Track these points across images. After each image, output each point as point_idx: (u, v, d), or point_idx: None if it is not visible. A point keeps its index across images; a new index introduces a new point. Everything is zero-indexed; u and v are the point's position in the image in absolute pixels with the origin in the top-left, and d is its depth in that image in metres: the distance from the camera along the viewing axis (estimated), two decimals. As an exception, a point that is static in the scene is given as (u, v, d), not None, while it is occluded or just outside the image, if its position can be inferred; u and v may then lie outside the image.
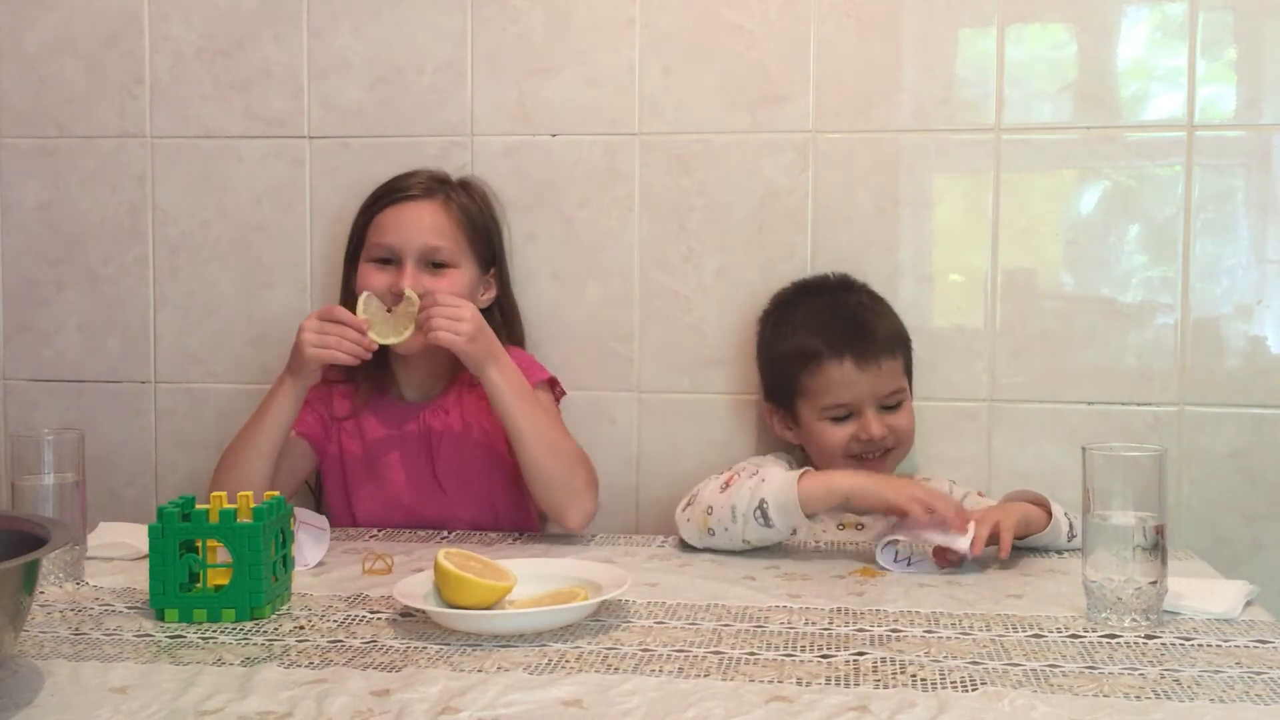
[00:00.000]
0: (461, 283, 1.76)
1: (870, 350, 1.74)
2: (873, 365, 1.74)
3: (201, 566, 1.30)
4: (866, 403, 1.74)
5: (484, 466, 1.79)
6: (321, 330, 1.64)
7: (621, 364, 1.99)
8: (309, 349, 1.63)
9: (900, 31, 1.91)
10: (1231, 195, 1.87)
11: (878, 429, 1.74)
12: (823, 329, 1.77)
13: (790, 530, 1.58)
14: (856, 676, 1.10)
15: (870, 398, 1.74)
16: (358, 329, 1.65)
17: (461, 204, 1.81)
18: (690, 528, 1.62)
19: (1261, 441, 1.87)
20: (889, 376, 1.75)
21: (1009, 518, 1.51)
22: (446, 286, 1.72)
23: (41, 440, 1.50)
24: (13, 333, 2.11)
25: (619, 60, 1.96)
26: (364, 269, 1.77)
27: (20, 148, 2.09)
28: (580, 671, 1.12)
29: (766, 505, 1.55)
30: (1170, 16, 1.87)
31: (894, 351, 1.77)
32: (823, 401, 1.75)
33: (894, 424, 1.75)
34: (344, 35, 2.01)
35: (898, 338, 1.81)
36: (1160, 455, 1.27)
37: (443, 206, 1.78)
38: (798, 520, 1.55)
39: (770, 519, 1.55)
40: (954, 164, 1.92)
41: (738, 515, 1.56)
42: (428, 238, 1.74)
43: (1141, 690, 1.07)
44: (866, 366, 1.73)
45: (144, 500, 2.07)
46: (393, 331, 1.68)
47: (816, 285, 1.87)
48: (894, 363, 1.77)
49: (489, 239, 1.85)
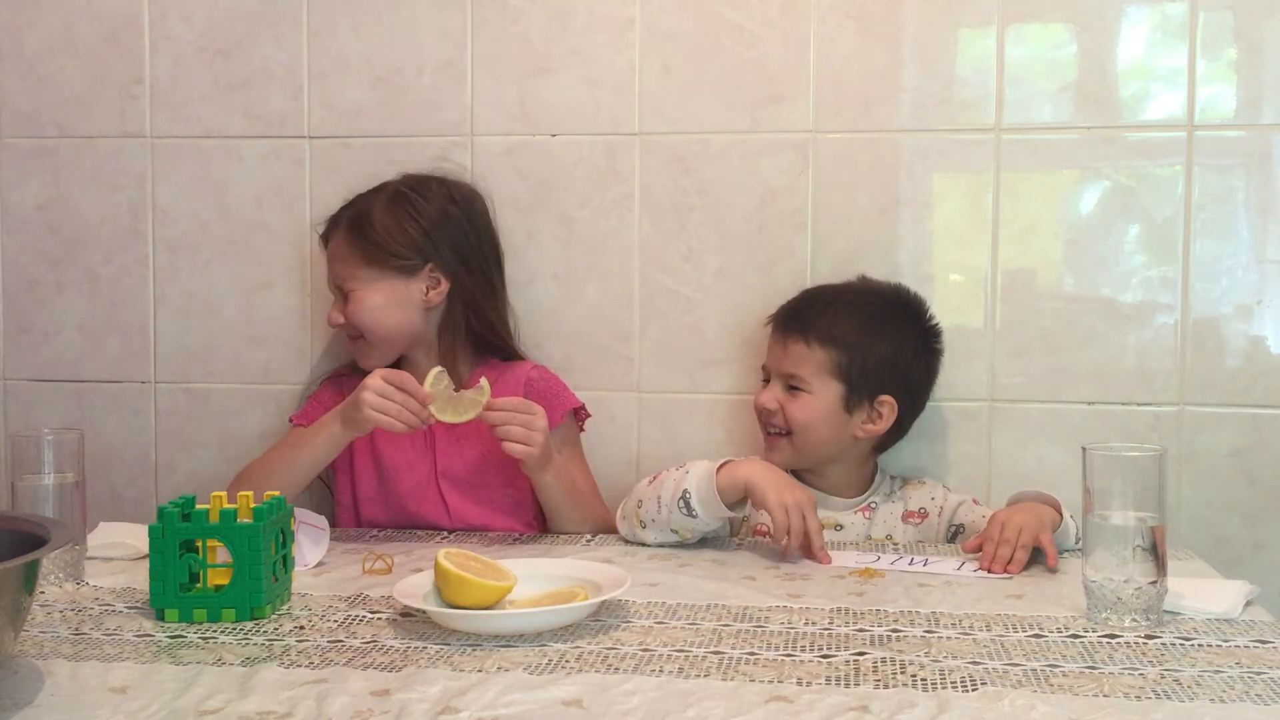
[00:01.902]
0: (369, 302, 1.79)
1: (794, 326, 1.77)
2: (786, 339, 1.77)
3: (201, 566, 1.30)
4: (775, 373, 1.79)
5: (490, 472, 1.79)
6: (384, 394, 1.63)
7: (621, 364, 1.99)
8: (367, 409, 1.63)
9: (900, 31, 1.91)
10: (1231, 195, 1.87)
11: (765, 399, 1.78)
12: (803, 298, 1.82)
13: (718, 521, 1.63)
14: (856, 676, 1.10)
15: (777, 371, 1.78)
16: (421, 402, 1.64)
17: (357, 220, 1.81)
18: (624, 524, 1.69)
19: (1261, 441, 1.87)
20: (794, 359, 1.75)
21: (1045, 531, 1.52)
22: (353, 309, 1.79)
23: (41, 440, 1.50)
24: (13, 333, 2.11)
25: (619, 60, 1.96)
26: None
27: (20, 148, 2.09)
28: (580, 671, 1.12)
29: (689, 495, 1.60)
30: (1170, 16, 1.87)
31: (811, 342, 1.74)
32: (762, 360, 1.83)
33: (787, 406, 1.76)
34: (344, 35, 2.01)
35: (832, 338, 1.74)
36: (1160, 455, 1.27)
37: (343, 233, 1.82)
38: (719, 511, 1.60)
39: (693, 509, 1.60)
40: (954, 164, 1.92)
41: (663, 505, 1.62)
42: (336, 270, 1.83)
43: (1141, 690, 1.07)
44: (781, 338, 1.78)
45: (144, 500, 2.07)
46: (454, 413, 1.65)
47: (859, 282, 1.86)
48: (806, 351, 1.74)
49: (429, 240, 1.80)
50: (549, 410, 1.75)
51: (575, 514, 1.77)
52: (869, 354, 1.75)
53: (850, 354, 1.75)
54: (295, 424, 1.83)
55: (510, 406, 1.66)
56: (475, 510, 1.79)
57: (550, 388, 1.86)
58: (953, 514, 1.78)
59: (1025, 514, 1.53)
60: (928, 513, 1.80)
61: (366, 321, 1.79)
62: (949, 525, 1.78)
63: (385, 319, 1.79)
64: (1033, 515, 1.53)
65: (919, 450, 1.91)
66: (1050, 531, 1.53)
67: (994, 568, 1.49)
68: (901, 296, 1.84)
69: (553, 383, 1.88)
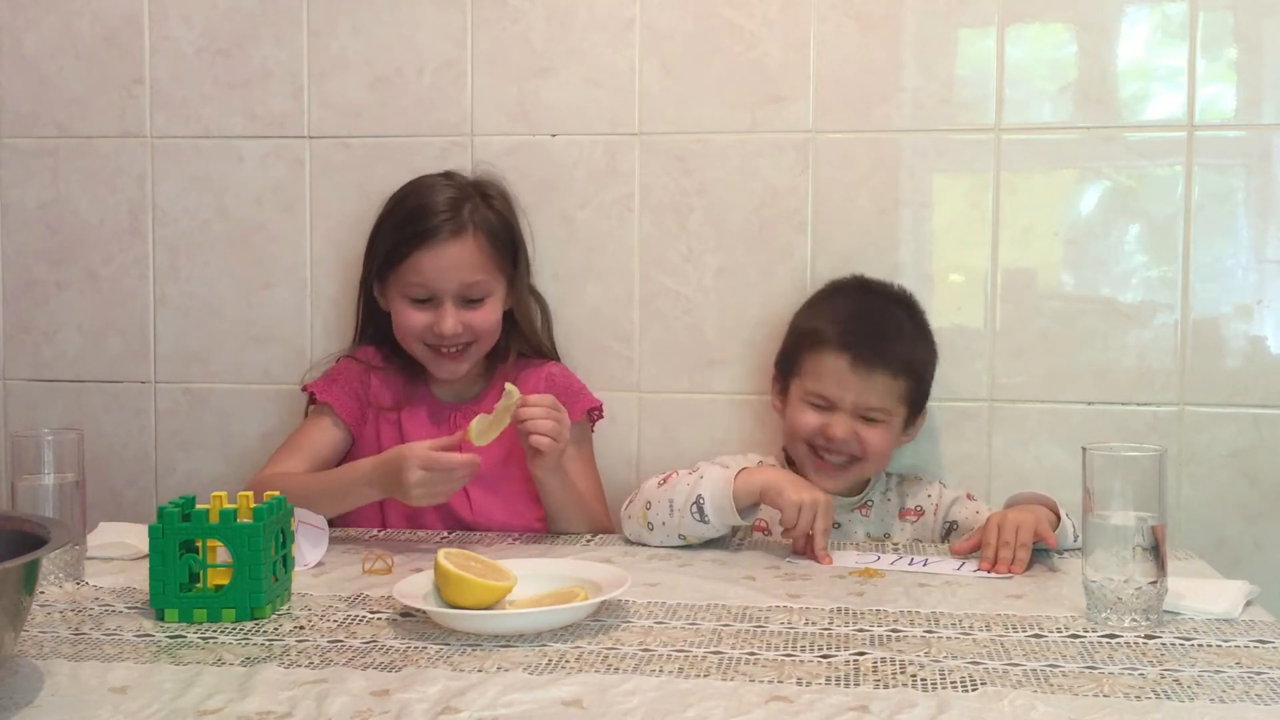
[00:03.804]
0: (496, 310, 1.81)
1: (873, 358, 1.71)
2: (867, 373, 1.70)
3: (201, 566, 1.30)
4: (846, 405, 1.72)
5: (511, 472, 1.79)
6: (429, 483, 1.56)
7: (621, 364, 1.99)
8: (415, 493, 1.55)
9: (900, 31, 1.91)
10: (1231, 195, 1.87)
11: (842, 430, 1.71)
12: (846, 320, 1.75)
13: (727, 527, 1.62)
14: (856, 676, 1.10)
15: (851, 402, 1.71)
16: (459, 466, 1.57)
17: (488, 227, 1.81)
18: (630, 524, 1.68)
19: (1261, 441, 1.88)
20: (878, 393, 1.72)
21: (1045, 527, 1.51)
22: (484, 317, 1.79)
23: (41, 440, 1.50)
24: (13, 333, 2.11)
25: (619, 60, 1.96)
26: (401, 304, 1.79)
27: (20, 148, 2.09)
28: (580, 671, 1.12)
29: (703, 502, 1.59)
30: (1170, 16, 1.87)
31: (896, 373, 1.72)
32: (810, 385, 1.74)
33: (866, 436, 1.72)
34: (344, 35, 2.01)
35: (910, 366, 1.75)
36: (1160, 455, 1.27)
37: (473, 240, 1.79)
38: (732, 518, 1.59)
39: (706, 515, 1.59)
40: (954, 164, 1.92)
41: (674, 509, 1.61)
42: (464, 277, 1.77)
43: (1141, 690, 1.07)
44: (860, 371, 1.71)
45: (144, 500, 2.07)
46: (492, 429, 1.63)
47: (876, 287, 1.85)
48: (891, 383, 1.72)
49: (513, 243, 1.86)
50: (571, 407, 1.77)
51: (575, 515, 1.77)
52: (927, 375, 1.80)
53: (919, 380, 1.78)
54: (309, 392, 1.85)
55: (545, 403, 1.66)
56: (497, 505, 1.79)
57: (570, 386, 1.88)
58: (947, 511, 1.79)
59: (1022, 513, 1.53)
60: (924, 510, 1.80)
61: (489, 329, 1.80)
62: (944, 522, 1.78)
63: (498, 328, 1.82)
64: (1030, 515, 1.53)
65: (919, 450, 1.91)
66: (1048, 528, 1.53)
67: (997, 569, 1.49)
68: (915, 302, 1.85)
69: (573, 382, 1.89)
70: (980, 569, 1.50)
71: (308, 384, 1.88)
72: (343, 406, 1.82)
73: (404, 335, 1.81)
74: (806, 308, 1.86)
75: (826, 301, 1.84)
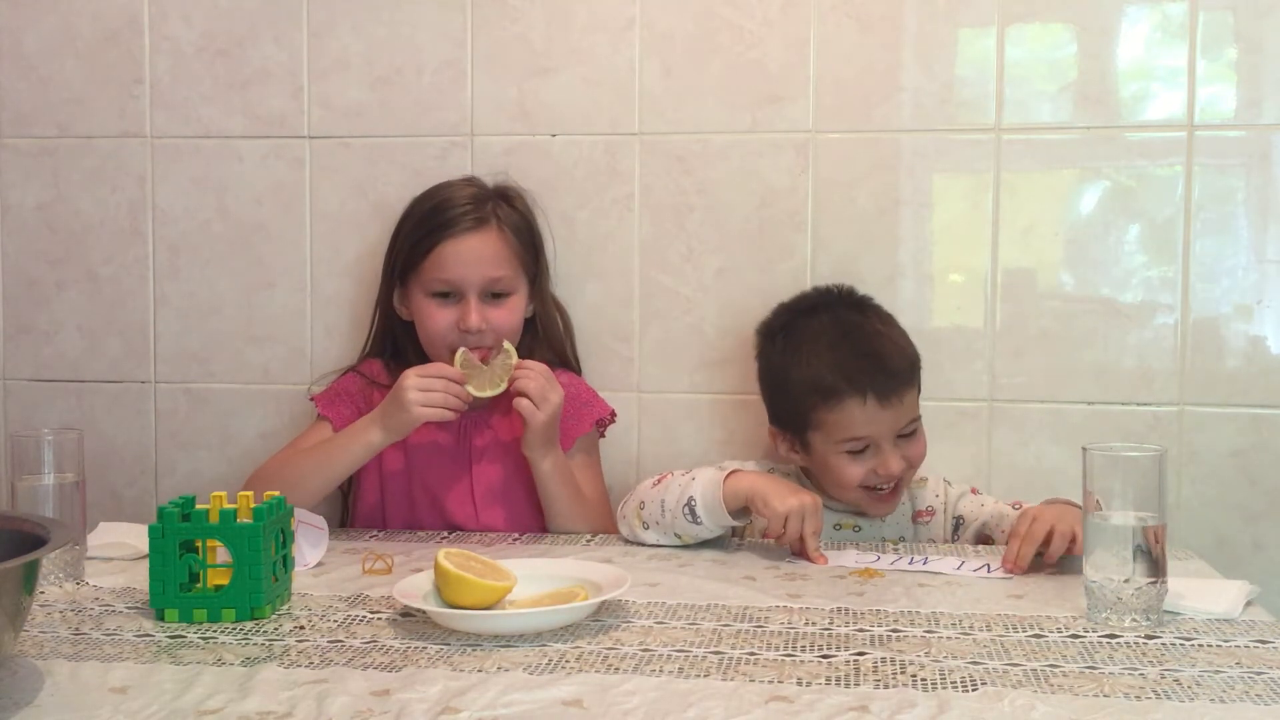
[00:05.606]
0: (518, 310, 1.80)
1: (892, 386, 1.66)
2: (894, 401, 1.66)
3: (201, 566, 1.30)
4: (885, 437, 1.66)
5: (520, 481, 1.79)
6: (426, 387, 1.63)
7: (621, 364, 1.99)
8: (416, 408, 1.62)
9: (900, 31, 1.91)
10: (1231, 195, 1.87)
11: (896, 465, 1.66)
12: (841, 363, 1.67)
13: (721, 528, 1.62)
14: (856, 676, 1.10)
15: (890, 433, 1.67)
16: (459, 383, 1.65)
17: (512, 222, 1.82)
18: (625, 524, 1.68)
19: (1261, 441, 1.88)
20: (909, 408, 1.69)
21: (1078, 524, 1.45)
22: (506, 314, 1.78)
23: (41, 440, 1.50)
24: (13, 333, 2.11)
25: (619, 60, 1.96)
26: (424, 303, 1.78)
27: (20, 148, 2.09)
28: (580, 671, 1.12)
29: (694, 503, 1.60)
30: (1170, 16, 1.87)
31: (911, 381, 1.71)
32: (839, 436, 1.67)
33: (909, 454, 1.69)
34: (344, 35, 2.01)
35: (913, 365, 1.73)
36: (1160, 455, 1.27)
37: (498, 233, 1.79)
38: (723, 520, 1.59)
39: (698, 516, 1.60)
40: (954, 164, 1.92)
41: (666, 510, 1.62)
42: (489, 270, 1.77)
43: (1141, 690, 1.07)
44: (888, 403, 1.65)
45: (144, 500, 2.07)
46: (489, 384, 1.67)
47: (823, 302, 1.78)
48: (912, 393, 1.70)
49: (534, 244, 1.87)
50: (579, 418, 1.79)
51: (572, 512, 1.76)
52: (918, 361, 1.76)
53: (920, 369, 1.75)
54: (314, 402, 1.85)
55: (537, 368, 1.68)
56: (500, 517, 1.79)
57: (580, 396, 1.87)
58: (954, 506, 1.79)
59: (1055, 509, 1.51)
60: (934, 510, 1.80)
61: (512, 328, 1.79)
62: (951, 519, 1.78)
63: (519, 330, 1.81)
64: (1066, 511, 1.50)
65: (919, 450, 1.91)
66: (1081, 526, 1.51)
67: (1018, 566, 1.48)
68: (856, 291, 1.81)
69: (583, 391, 1.89)
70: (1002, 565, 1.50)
71: (314, 395, 1.88)
72: (342, 421, 1.80)
73: (429, 338, 1.79)
74: (784, 356, 1.73)
75: (795, 347, 1.73)
